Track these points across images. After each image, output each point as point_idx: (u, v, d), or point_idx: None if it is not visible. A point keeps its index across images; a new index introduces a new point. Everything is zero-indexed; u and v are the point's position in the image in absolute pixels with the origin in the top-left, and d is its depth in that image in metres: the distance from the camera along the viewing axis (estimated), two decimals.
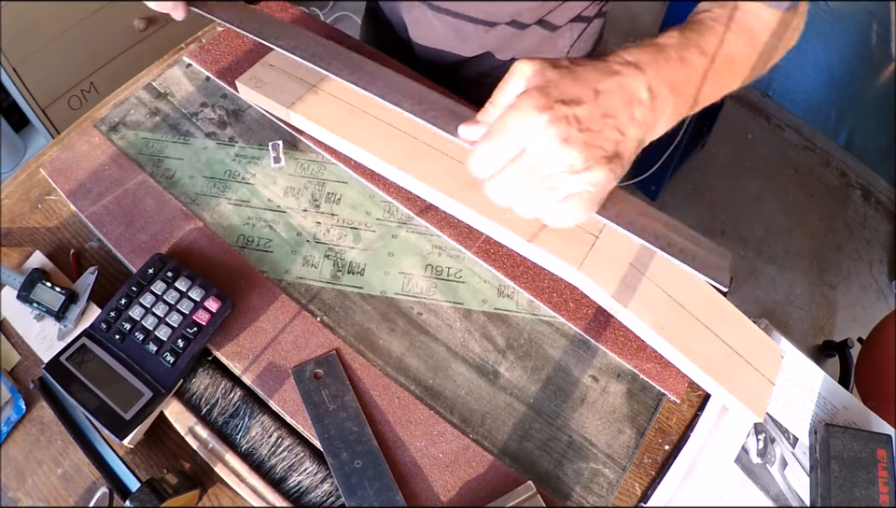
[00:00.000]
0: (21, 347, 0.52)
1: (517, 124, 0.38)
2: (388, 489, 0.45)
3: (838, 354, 1.54)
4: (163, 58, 0.69)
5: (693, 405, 0.53)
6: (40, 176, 0.60)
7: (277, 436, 0.48)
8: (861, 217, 1.87)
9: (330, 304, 0.54)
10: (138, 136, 0.62)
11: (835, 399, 0.54)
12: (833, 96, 1.91)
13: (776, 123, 2.03)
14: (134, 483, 0.44)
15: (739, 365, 0.49)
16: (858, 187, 1.93)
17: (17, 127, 1.46)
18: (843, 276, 1.75)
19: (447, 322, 0.53)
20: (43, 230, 0.58)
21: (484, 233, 0.56)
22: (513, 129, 0.38)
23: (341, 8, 2.14)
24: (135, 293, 0.50)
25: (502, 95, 0.41)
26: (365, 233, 0.57)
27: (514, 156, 0.39)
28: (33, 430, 0.49)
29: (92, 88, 1.43)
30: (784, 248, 1.78)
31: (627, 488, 0.49)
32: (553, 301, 0.54)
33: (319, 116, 0.58)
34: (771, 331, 0.56)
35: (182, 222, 0.57)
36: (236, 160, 0.61)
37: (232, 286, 0.53)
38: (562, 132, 0.37)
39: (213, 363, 0.50)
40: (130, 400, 0.46)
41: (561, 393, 0.51)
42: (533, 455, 0.48)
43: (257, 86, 0.60)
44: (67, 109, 1.40)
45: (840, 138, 1.98)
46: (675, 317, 0.49)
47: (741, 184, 1.89)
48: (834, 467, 0.49)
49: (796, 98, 2.00)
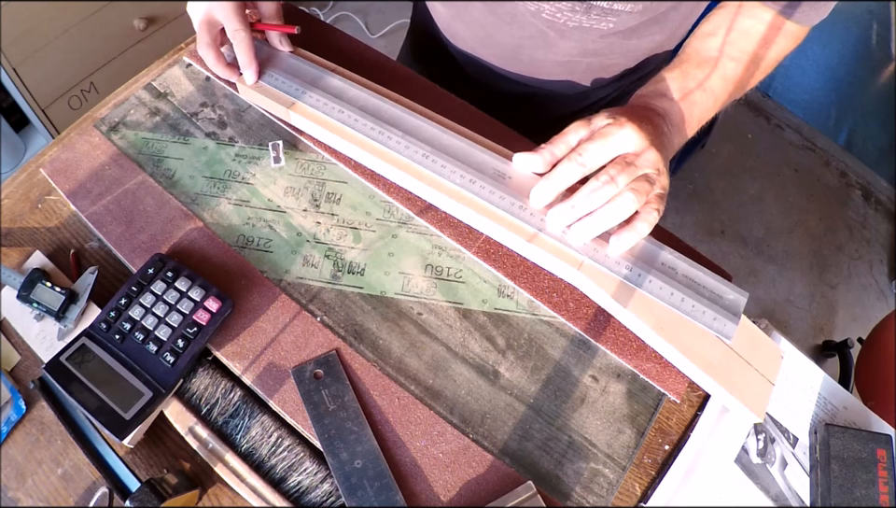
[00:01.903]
0: (20, 347, 0.52)
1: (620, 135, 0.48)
2: (388, 489, 0.45)
3: (838, 354, 1.55)
4: (163, 58, 0.69)
5: (693, 405, 0.53)
6: (40, 176, 0.60)
7: (277, 436, 0.48)
8: (861, 217, 1.87)
9: (330, 304, 0.54)
10: (138, 136, 0.62)
11: (835, 399, 0.54)
12: (833, 96, 1.91)
13: (776, 123, 2.03)
14: (134, 483, 0.44)
15: (739, 365, 0.49)
16: (858, 187, 1.93)
17: (17, 127, 1.46)
18: (843, 276, 1.76)
19: (447, 322, 0.53)
20: (43, 230, 0.58)
21: (484, 233, 0.56)
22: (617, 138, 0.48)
23: (341, 8, 2.14)
24: (135, 293, 0.50)
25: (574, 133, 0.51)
26: (365, 233, 0.57)
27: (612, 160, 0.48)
28: (33, 430, 0.49)
29: (92, 88, 1.43)
30: (784, 248, 1.78)
31: (627, 488, 0.49)
32: (553, 301, 0.54)
33: (319, 116, 0.58)
34: (771, 331, 0.56)
35: (182, 222, 0.57)
36: (236, 160, 0.61)
37: (232, 286, 0.53)
38: (650, 140, 0.48)
39: (213, 363, 0.50)
40: (130, 400, 0.46)
41: (561, 393, 0.51)
42: (533, 455, 0.48)
43: (257, 86, 0.60)
44: (67, 109, 1.40)
45: (840, 138, 1.98)
46: (675, 318, 0.49)
47: (741, 184, 1.89)
48: (834, 467, 0.49)
49: (796, 98, 2.00)
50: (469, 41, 0.71)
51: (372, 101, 0.58)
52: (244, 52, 0.58)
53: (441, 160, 0.54)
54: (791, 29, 0.56)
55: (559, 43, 0.64)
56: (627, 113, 0.50)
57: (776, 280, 1.73)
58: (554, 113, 0.53)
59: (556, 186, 0.49)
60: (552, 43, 0.64)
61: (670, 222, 1.80)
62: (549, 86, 0.71)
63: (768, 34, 0.55)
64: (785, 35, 0.56)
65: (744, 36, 0.56)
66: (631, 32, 0.61)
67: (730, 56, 0.56)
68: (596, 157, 0.48)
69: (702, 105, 0.55)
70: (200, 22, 0.58)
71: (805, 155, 1.97)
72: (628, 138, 0.48)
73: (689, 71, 0.56)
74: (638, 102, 0.55)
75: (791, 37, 0.57)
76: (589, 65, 0.68)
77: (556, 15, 0.59)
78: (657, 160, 0.48)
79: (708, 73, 0.55)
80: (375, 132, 0.56)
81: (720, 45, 0.56)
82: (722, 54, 0.56)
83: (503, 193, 0.52)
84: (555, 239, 0.50)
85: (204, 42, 0.58)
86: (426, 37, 0.80)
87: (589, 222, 0.49)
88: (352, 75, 0.62)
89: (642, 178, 0.48)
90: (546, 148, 0.51)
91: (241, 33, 0.57)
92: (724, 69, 0.55)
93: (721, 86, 0.56)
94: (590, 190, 0.48)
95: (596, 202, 0.48)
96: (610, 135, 0.48)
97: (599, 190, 0.47)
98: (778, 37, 0.56)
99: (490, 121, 0.65)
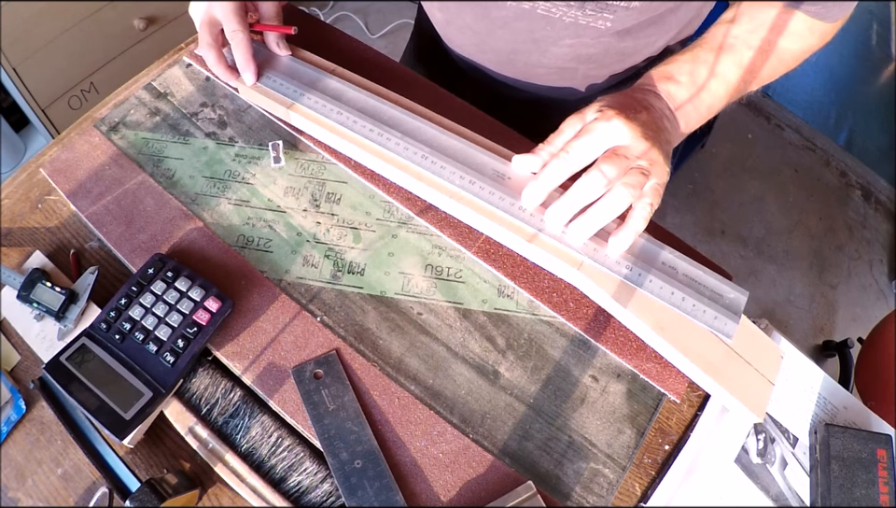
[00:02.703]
0: (20, 347, 0.52)
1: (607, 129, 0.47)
2: (388, 489, 0.45)
3: (838, 354, 1.55)
4: (163, 58, 0.69)
5: (693, 405, 0.53)
6: (40, 176, 0.60)
7: (277, 436, 0.48)
8: (861, 217, 1.87)
9: (330, 304, 0.54)
10: (138, 136, 0.62)
11: (835, 399, 0.54)
12: (833, 96, 1.92)
13: (776, 123, 2.03)
14: (134, 483, 0.44)
15: (739, 365, 0.49)
16: (858, 187, 1.93)
17: (17, 127, 1.46)
18: (843, 276, 1.75)
19: (447, 322, 0.53)
20: (43, 230, 0.58)
21: (484, 233, 0.56)
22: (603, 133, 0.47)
23: (341, 8, 2.14)
24: (135, 293, 0.50)
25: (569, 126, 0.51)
26: (365, 233, 0.57)
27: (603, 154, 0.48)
28: (33, 430, 0.49)
29: (92, 88, 1.43)
30: (784, 248, 1.78)
31: (627, 488, 0.49)
32: (553, 301, 0.54)
33: (319, 117, 0.58)
34: (771, 331, 0.56)
35: (182, 222, 0.57)
36: (236, 160, 0.61)
37: (232, 286, 0.53)
38: (640, 131, 0.47)
39: (213, 363, 0.50)
40: (130, 400, 0.46)
41: (561, 393, 0.51)
42: (533, 455, 0.48)
43: (256, 87, 0.60)
44: (67, 109, 1.40)
45: (840, 138, 1.98)
46: (675, 318, 0.49)
47: (741, 184, 1.89)
48: (834, 467, 0.49)
49: (796, 98, 2.00)
50: (465, 46, 0.71)
51: (371, 102, 0.58)
52: (241, 53, 0.58)
53: (440, 161, 0.54)
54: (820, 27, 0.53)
55: (551, 49, 0.63)
56: (619, 103, 0.49)
57: (776, 280, 1.73)
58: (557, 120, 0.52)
59: (545, 185, 0.49)
60: (544, 49, 0.63)
61: (670, 222, 1.80)
62: (548, 93, 0.71)
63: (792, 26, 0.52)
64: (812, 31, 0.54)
65: (765, 27, 0.53)
66: (626, 33, 0.60)
67: (748, 44, 0.53)
68: (584, 153, 0.48)
69: (713, 91, 0.53)
70: (201, 23, 0.58)
71: (805, 155, 1.97)
72: (616, 131, 0.47)
73: (701, 55, 0.53)
74: (642, 85, 0.53)
75: (817, 34, 0.54)
76: (585, 74, 0.67)
77: (552, 10, 0.58)
78: (648, 150, 0.47)
79: (722, 59, 0.52)
80: (374, 133, 0.56)
81: (739, 32, 0.53)
82: (740, 42, 0.53)
83: (503, 194, 0.52)
84: (555, 239, 0.50)
85: (206, 42, 0.58)
86: (428, 40, 0.79)
87: (585, 220, 0.49)
88: (351, 75, 0.62)
89: (635, 171, 0.47)
90: (543, 147, 0.51)
91: (239, 34, 0.57)
92: (741, 56, 0.53)
93: (735, 73, 0.53)
94: (580, 186, 0.48)
95: (587, 197, 0.48)
96: (596, 130, 0.47)
97: (588, 185, 0.47)
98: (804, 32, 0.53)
99: (490, 121, 0.65)
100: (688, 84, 0.52)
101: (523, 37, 0.63)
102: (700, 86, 0.53)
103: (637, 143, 0.47)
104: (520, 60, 0.67)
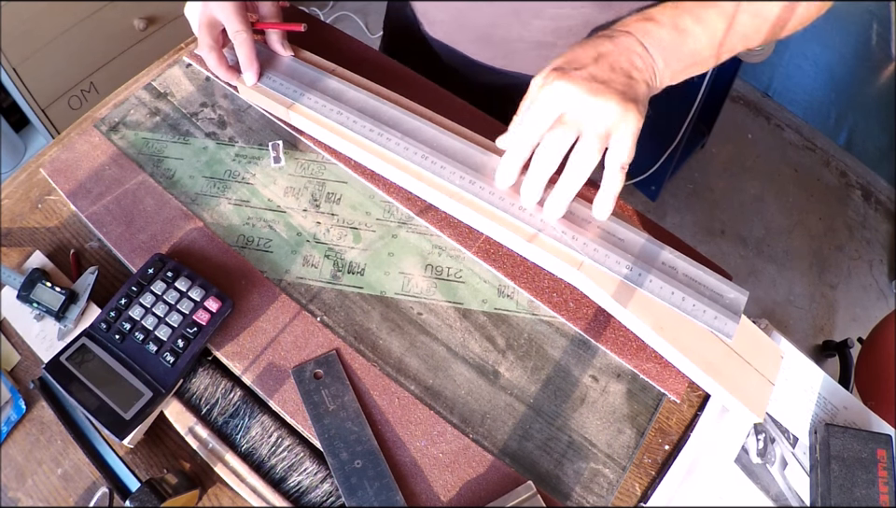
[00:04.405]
0: (20, 347, 0.52)
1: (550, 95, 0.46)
2: (388, 489, 0.45)
3: (838, 354, 1.55)
4: (163, 58, 0.69)
5: (693, 405, 0.53)
6: (40, 176, 0.60)
7: (277, 436, 0.48)
8: (861, 217, 1.87)
9: (330, 304, 0.54)
10: (138, 136, 0.62)
11: (835, 399, 0.54)
12: (833, 96, 1.91)
13: (776, 123, 2.03)
14: (134, 483, 0.44)
15: (739, 365, 0.49)
16: (858, 187, 1.93)
17: (17, 127, 1.46)
18: (843, 276, 1.76)
19: (447, 322, 0.53)
20: (43, 230, 0.58)
21: (484, 233, 0.56)
22: (547, 100, 0.46)
23: (341, 8, 2.14)
24: (135, 293, 0.50)
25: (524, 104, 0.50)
26: (365, 233, 0.57)
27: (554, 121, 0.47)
28: (33, 430, 0.49)
29: (92, 88, 1.43)
30: (784, 248, 1.79)
31: (627, 488, 0.49)
32: (553, 301, 0.54)
33: (319, 117, 0.58)
34: (771, 331, 0.56)
35: (182, 222, 0.57)
36: (236, 160, 0.61)
37: (232, 286, 0.53)
38: (585, 87, 0.45)
39: (213, 363, 0.50)
40: (130, 400, 0.46)
41: (561, 393, 0.51)
42: (533, 455, 0.48)
43: (256, 87, 0.60)
44: (67, 109, 1.40)
45: (840, 138, 1.98)
46: (675, 317, 0.49)
47: (741, 184, 1.89)
48: (834, 467, 0.49)
49: (796, 98, 2.00)
50: (444, 22, 0.71)
51: (371, 102, 0.58)
52: (245, 53, 0.58)
53: (440, 161, 0.54)
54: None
55: (533, 21, 0.63)
56: (569, 58, 0.48)
57: (776, 280, 1.73)
58: None
59: (512, 163, 0.50)
60: (525, 21, 0.63)
61: (670, 222, 1.80)
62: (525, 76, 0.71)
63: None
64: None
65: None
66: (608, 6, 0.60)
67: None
68: (533, 126, 0.48)
69: (696, 36, 0.50)
70: (201, 24, 0.58)
71: (805, 155, 1.97)
72: (558, 96, 0.46)
73: (684, 4, 0.50)
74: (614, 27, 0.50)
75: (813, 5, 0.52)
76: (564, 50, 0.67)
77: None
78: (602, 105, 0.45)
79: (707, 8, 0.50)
80: (374, 133, 0.56)
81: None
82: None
83: (502, 194, 0.52)
84: (555, 239, 0.50)
85: (206, 44, 0.58)
86: (401, 30, 0.80)
87: (553, 196, 0.49)
88: (351, 75, 0.62)
89: (590, 134, 0.46)
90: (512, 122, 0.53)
91: (242, 34, 0.57)
92: (725, 9, 0.50)
93: (719, 24, 0.50)
94: (535, 159, 0.48)
95: (545, 168, 0.48)
96: (538, 100, 0.47)
97: (542, 157, 0.48)
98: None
99: (490, 121, 0.65)
100: (668, 26, 0.49)
101: (503, 10, 0.63)
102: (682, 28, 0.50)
103: (584, 102, 0.45)
104: (498, 34, 0.67)
